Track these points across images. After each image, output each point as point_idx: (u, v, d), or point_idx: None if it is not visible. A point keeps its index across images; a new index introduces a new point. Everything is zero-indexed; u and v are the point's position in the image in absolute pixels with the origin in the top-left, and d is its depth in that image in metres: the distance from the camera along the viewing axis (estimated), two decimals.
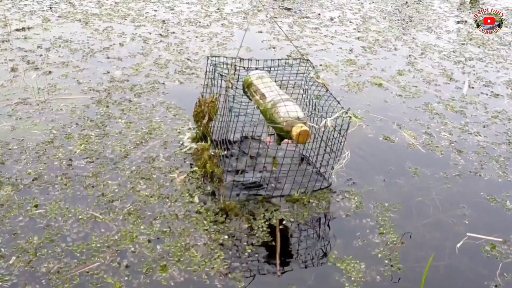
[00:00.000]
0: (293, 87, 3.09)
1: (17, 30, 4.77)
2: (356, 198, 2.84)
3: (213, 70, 2.96)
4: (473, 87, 4.45)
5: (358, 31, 5.68)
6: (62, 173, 2.78)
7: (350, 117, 2.66)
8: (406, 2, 6.86)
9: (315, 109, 2.85)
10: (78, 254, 2.28)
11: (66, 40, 4.63)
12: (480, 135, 3.64)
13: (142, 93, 3.75)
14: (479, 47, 5.36)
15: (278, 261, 2.36)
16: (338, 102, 2.68)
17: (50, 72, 3.95)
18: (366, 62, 4.86)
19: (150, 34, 4.95)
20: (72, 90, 3.71)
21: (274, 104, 2.66)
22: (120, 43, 4.66)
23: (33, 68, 3.98)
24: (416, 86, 4.40)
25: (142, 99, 3.68)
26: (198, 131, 3.13)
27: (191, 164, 2.95)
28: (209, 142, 2.98)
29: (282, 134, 2.67)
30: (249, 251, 2.40)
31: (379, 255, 2.47)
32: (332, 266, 2.38)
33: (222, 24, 5.44)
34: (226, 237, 2.45)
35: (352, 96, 4.13)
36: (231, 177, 2.80)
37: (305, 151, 3.08)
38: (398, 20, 6.17)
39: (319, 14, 6.13)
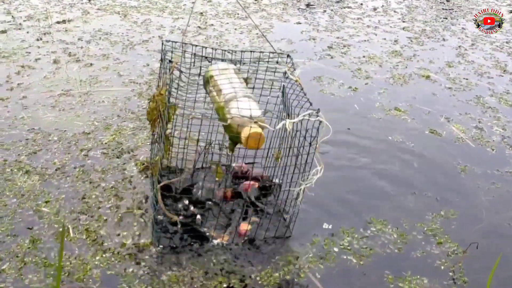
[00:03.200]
0: (262, 84, 2.52)
1: (58, 22, 4.98)
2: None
3: (165, 58, 2.39)
4: None
5: (403, 21, 5.65)
6: (80, 164, 2.88)
7: (321, 121, 2.14)
8: None
9: (287, 112, 2.40)
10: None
11: (106, 32, 4.81)
12: None
13: (182, 87, 3.86)
14: None
15: None
16: (311, 104, 2.22)
17: (91, 64, 4.12)
18: (413, 53, 4.84)
19: (189, 26, 5.08)
20: (113, 82, 3.86)
21: (228, 101, 2.26)
22: (159, 36, 4.80)
23: (74, 60, 4.16)
24: (466, 79, 4.37)
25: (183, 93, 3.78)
26: (152, 133, 2.62)
27: None
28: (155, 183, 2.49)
29: (235, 139, 2.29)
30: None
31: (442, 267, 2.38)
32: (395, 287, 2.26)
33: (260, 16, 5.52)
34: None
35: (397, 88, 4.13)
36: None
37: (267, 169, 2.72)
38: (446, 9, 6.09)
39: (361, 3, 6.13)
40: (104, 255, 2.27)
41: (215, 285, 2.16)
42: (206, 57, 2.38)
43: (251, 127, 2.14)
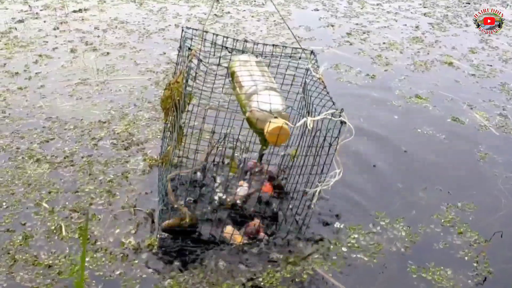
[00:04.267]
0: (282, 80, 2.38)
1: (74, 11, 5.03)
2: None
3: (184, 46, 2.32)
4: None
5: (424, 7, 5.58)
6: (88, 154, 2.89)
7: (344, 122, 2.04)
8: None
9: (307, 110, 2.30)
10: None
11: (122, 21, 4.84)
12: None
13: (200, 77, 3.87)
14: None
15: None
16: (333, 103, 2.11)
17: (108, 53, 4.16)
18: (434, 39, 4.78)
19: (205, 14, 5.08)
20: (130, 71, 3.89)
21: (250, 95, 2.18)
22: (175, 24, 4.82)
23: (91, 49, 4.20)
24: (490, 65, 4.30)
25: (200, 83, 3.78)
26: (165, 122, 2.54)
27: None
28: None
29: (262, 136, 2.21)
30: None
31: (466, 258, 2.34)
32: (418, 277, 2.23)
33: (278, 3, 5.50)
34: None
35: (418, 75, 4.08)
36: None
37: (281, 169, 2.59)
38: None
39: None
40: (94, 255, 2.23)
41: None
42: (226, 47, 2.30)
43: (270, 122, 2.05)
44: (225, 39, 2.32)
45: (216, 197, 2.48)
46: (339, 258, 2.29)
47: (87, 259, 2.20)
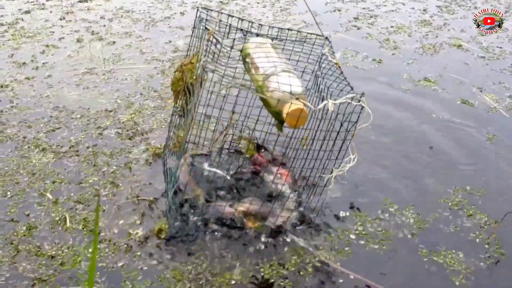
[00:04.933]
0: (295, 66, 2.32)
1: (80, 1, 4.97)
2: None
3: (200, 26, 2.24)
4: None
5: None
6: (93, 144, 2.85)
7: (362, 106, 1.98)
8: None
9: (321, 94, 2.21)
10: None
11: (127, 10, 4.78)
12: None
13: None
14: None
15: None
16: (352, 88, 2.05)
17: (114, 42, 4.11)
18: (443, 22, 4.67)
19: (210, 2, 5.01)
20: (136, 60, 3.84)
21: (267, 77, 2.10)
22: (181, 12, 4.75)
23: (97, 39, 4.15)
24: (500, 47, 4.20)
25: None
26: (175, 105, 2.43)
27: None
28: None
29: (279, 119, 2.14)
30: None
31: (477, 240, 2.30)
32: (429, 261, 2.20)
33: None
34: None
35: (427, 58, 3.99)
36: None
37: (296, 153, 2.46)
38: None
39: None
40: (98, 246, 2.18)
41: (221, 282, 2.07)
42: (241, 29, 2.25)
43: (291, 103, 1.98)
44: (240, 21, 2.25)
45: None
46: (347, 245, 2.24)
47: (89, 249, 2.17)
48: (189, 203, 2.34)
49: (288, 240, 2.25)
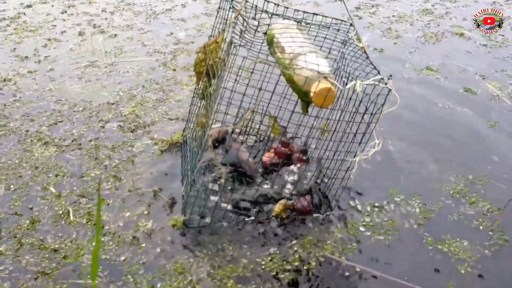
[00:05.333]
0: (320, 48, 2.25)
1: None
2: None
3: (226, 6, 2.23)
4: None
5: None
6: (96, 137, 2.83)
7: (390, 89, 1.92)
8: None
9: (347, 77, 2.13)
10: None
11: (129, 3, 4.75)
12: None
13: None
14: None
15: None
16: (378, 72, 1.99)
17: (115, 35, 4.08)
18: (445, 11, 4.61)
19: None
20: (137, 53, 3.82)
21: (294, 57, 2.05)
22: (182, 4, 4.72)
23: (99, 32, 4.13)
24: (503, 35, 4.14)
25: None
26: (197, 88, 2.35)
27: None
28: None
29: (305, 99, 2.10)
30: None
31: (480, 228, 2.27)
32: (434, 249, 2.17)
33: None
34: None
35: (429, 47, 3.95)
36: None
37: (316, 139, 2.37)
38: None
39: None
40: (102, 239, 2.16)
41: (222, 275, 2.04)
42: (266, 11, 2.22)
43: (319, 82, 1.92)
44: (266, 3, 2.22)
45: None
46: (354, 237, 2.22)
47: (93, 243, 2.15)
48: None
49: (293, 232, 2.23)
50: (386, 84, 1.91)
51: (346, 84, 1.96)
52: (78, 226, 2.24)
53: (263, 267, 2.06)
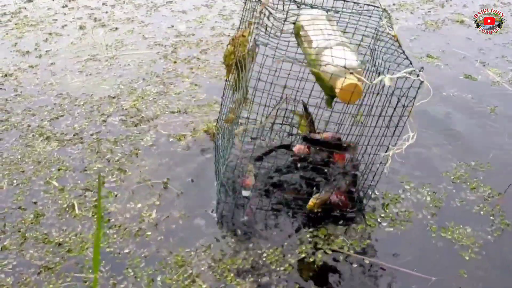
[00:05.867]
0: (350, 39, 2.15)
1: None
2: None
3: None
4: None
5: None
6: (97, 131, 2.81)
7: (422, 81, 1.84)
8: None
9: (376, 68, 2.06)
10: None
11: None
12: None
13: (208, 50, 3.74)
14: None
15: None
16: (410, 62, 1.90)
17: (116, 28, 4.06)
18: None
19: None
20: (138, 46, 3.79)
21: (320, 50, 1.95)
22: None
23: (100, 25, 4.10)
24: (503, 22, 4.08)
25: (209, 55, 3.66)
26: (228, 80, 2.32)
27: None
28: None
29: (331, 94, 2.00)
30: None
31: (481, 213, 2.26)
32: (437, 237, 2.15)
33: None
34: None
35: (429, 34, 3.91)
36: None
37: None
38: None
39: None
40: (107, 232, 2.15)
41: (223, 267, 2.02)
42: (295, 1, 2.14)
43: (345, 77, 1.83)
44: None
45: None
46: (368, 229, 2.20)
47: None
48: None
49: (307, 222, 2.21)
50: (418, 76, 1.82)
51: (378, 76, 1.85)
52: (83, 220, 2.23)
53: (264, 259, 2.05)
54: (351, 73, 1.86)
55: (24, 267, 2.01)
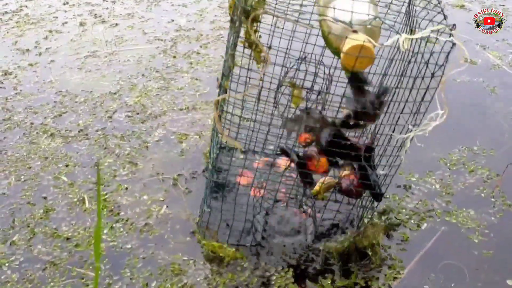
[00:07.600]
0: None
1: None
2: None
3: None
4: None
5: None
6: (102, 127, 2.81)
7: (454, 43, 1.39)
8: None
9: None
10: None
11: None
12: None
13: (208, 44, 3.74)
14: None
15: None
16: (445, 17, 1.46)
17: (116, 24, 4.05)
18: None
19: None
20: (138, 41, 3.78)
21: (327, 2, 1.52)
22: None
23: (100, 22, 4.10)
24: (503, 5, 4.06)
25: (209, 50, 3.65)
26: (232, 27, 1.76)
27: None
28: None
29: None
30: None
31: (482, 195, 2.27)
32: (442, 221, 2.16)
33: None
34: None
35: None
36: None
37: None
38: None
39: None
40: (114, 225, 2.15)
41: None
42: None
43: (347, 38, 1.40)
44: None
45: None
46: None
47: (105, 231, 2.13)
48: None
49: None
50: (450, 36, 1.35)
51: (403, 34, 1.37)
52: (93, 213, 2.23)
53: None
54: (355, 31, 1.43)
55: (31, 262, 2.02)
